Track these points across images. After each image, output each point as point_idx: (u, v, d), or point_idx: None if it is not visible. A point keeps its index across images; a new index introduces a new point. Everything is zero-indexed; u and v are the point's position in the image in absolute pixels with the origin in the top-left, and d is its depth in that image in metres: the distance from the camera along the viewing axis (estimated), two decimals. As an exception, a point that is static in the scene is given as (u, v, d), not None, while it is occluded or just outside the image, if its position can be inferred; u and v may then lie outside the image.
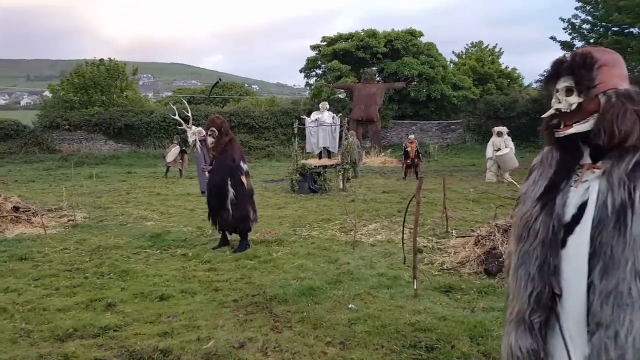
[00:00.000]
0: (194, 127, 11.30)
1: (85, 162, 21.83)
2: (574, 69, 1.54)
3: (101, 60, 28.80)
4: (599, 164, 1.52)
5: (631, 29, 21.42)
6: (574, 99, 1.54)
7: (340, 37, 28.60)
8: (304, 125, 14.22)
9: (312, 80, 29.69)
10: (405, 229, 5.57)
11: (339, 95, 28.20)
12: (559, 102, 1.58)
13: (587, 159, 1.57)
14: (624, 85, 1.53)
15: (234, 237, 6.71)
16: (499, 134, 13.98)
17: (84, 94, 27.65)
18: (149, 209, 9.83)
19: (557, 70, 1.59)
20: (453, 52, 35.99)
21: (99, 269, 5.61)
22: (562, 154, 1.63)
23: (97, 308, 4.33)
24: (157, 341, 3.57)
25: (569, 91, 1.56)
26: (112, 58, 29.36)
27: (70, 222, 8.37)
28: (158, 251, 6.46)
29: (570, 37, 23.27)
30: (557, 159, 1.63)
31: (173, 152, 16.50)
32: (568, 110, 1.55)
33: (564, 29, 23.37)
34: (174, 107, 13.51)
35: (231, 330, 3.76)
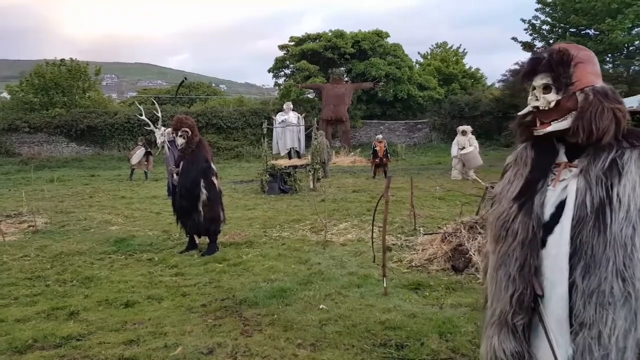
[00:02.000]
0: (162, 128, 11.06)
1: (46, 166, 21.21)
2: (552, 65, 1.52)
3: (62, 60, 28.01)
4: (575, 162, 1.51)
5: (587, 31, 22.18)
6: (553, 97, 1.52)
7: (308, 38, 28.65)
8: (272, 125, 14.16)
9: (280, 80, 29.67)
10: (374, 227, 5.60)
11: (308, 95, 28.24)
12: (537, 100, 1.55)
13: (562, 157, 1.56)
14: (599, 82, 1.52)
15: (202, 241, 6.60)
16: (464, 132, 14.27)
17: (44, 95, 26.84)
18: (113, 213, 9.60)
19: (535, 67, 1.56)
20: (419, 53, 36.54)
21: (60, 276, 5.42)
22: (537, 153, 1.60)
23: (58, 317, 4.18)
24: (122, 350, 3.47)
25: (546, 88, 1.53)
26: (74, 58, 28.64)
27: (31, 228, 8.09)
28: (123, 256, 6.30)
29: (531, 37, 23.98)
30: (533, 158, 1.60)
31: (137, 154, 16.16)
32: (546, 108, 1.53)
33: (525, 29, 24.09)
34: (141, 107, 13.22)
35: (199, 336, 3.69)
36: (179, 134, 6.34)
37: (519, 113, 1.63)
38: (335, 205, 9.72)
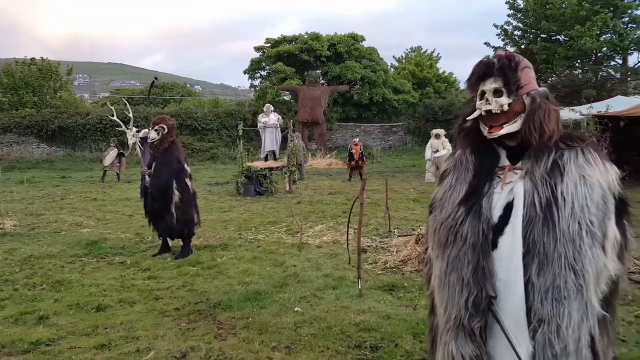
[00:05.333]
0: (134, 129, 10.91)
1: (15, 167, 20.68)
2: (503, 70, 1.56)
3: (33, 59, 27.37)
4: (518, 164, 1.56)
5: (557, 36, 22.75)
6: (505, 100, 1.56)
7: (284, 40, 28.64)
8: (248, 127, 14.15)
9: (256, 82, 29.55)
10: (350, 229, 5.64)
11: (284, 98, 28.21)
12: (489, 104, 1.57)
13: (505, 161, 1.60)
14: (538, 86, 1.60)
15: (175, 243, 6.52)
16: (437, 136, 14.49)
17: (14, 95, 26.21)
18: (85, 215, 9.41)
19: (487, 71, 1.59)
20: (394, 57, 36.92)
21: (30, 279, 5.30)
22: (479, 157, 1.64)
23: (27, 322, 4.08)
24: (93, 354, 3.41)
25: (497, 92, 1.57)
26: (45, 57, 27.96)
27: (-1, 230, 7.87)
28: (94, 259, 6.19)
29: (503, 43, 24.46)
30: (474, 163, 1.64)
31: (111, 155, 15.92)
32: (498, 111, 1.56)
33: (497, 35, 24.59)
34: (112, 108, 13.07)
35: (172, 340, 3.65)
36: (155, 127, 6.26)
37: (468, 117, 1.65)
38: (311, 208, 9.73)
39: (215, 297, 4.59)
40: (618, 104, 13.15)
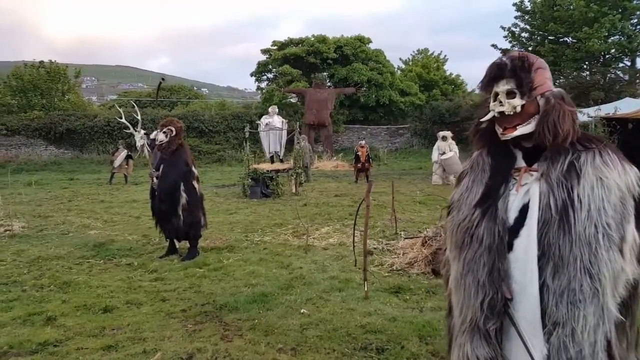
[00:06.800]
0: (142, 131, 10.97)
1: (24, 169, 20.83)
2: (516, 71, 1.55)
3: (41, 62, 27.60)
4: (534, 166, 1.54)
5: (565, 38, 22.64)
6: (518, 102, 1.55)
7: (290, 42, 28.72)
8: (254, 129, 14.21)
9: (263, 85, 29.64)
10: (356, 231, 5.64)
11: (291, 100, 28.26)
12: (502, 105, 1.57)
13: (521, 162, 1.59)
14: (553, 87, 1.59)
15: (182, 245, 6.55)
16: (444, 138, 14.46)
17: (22, 98, 26.43)
18: (92, 217, 9.46)
19: (499, 73, 1.59)
20: (400, 59, 36.83)
21: (38, 281, 5.33)
22: (495, 159, 1.63)
23: (35, 323, 4.11)
24: (100, 355, 3.43)
25: (510, 94, 1.56)
26: (53, 60, 28.19)
27: (7, 232, 7.92)
28: (102, 261, 6.22)
29: (511, 45, 24.42)
30: (491, 164, 1.63)
31: (120, 157, 16.05)
32: (511, 113, 1.55)
33: (505, 37, 24.54)
34: (121, 110, 13.15)
35: (179, 342, 3.67)
36: (163, 130, 6.29)
37: (482, 119, 1.65)
38: (317, 210, 9.74)
39: (222, 299, 4.60)
40: (626, 106, 13.07)
